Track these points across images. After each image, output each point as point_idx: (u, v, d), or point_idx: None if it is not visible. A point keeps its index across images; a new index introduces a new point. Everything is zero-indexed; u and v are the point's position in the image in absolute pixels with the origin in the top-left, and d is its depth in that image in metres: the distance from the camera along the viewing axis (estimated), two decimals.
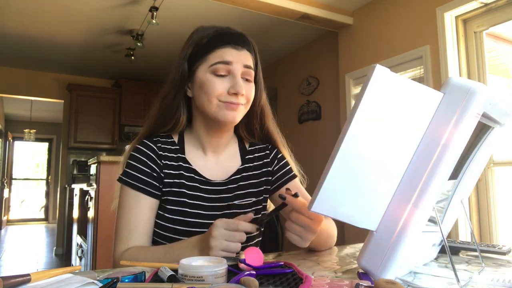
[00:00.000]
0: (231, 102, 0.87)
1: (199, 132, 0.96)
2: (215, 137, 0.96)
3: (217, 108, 0.88)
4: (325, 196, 0.55)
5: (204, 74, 0.89)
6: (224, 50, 0.88)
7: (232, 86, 0.87)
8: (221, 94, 0.87)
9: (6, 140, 7.94)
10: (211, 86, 0.87)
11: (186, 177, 0.93)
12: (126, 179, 0.90)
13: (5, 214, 8.34)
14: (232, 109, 0.88)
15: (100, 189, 2.50)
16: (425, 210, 0.57)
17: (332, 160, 0.55)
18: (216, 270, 0.57)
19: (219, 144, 0.98)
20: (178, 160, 0.94)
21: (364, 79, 0.56)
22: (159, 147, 0.94)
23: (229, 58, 0.87)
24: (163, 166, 0.92)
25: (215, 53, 0.88)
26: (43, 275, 0.58)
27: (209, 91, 0.87)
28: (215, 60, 0.87)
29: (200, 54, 0.90)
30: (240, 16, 3.42)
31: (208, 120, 0.93)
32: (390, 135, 0.57)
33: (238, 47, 0.89)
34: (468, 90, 0.55)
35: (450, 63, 2.44)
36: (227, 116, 0.88)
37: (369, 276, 0.60)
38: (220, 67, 0.87)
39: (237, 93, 0.86)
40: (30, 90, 5.09)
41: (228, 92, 0.87)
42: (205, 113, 0.91)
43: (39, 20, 3.57)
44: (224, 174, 0.98)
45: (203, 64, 0.89)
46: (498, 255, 0.83)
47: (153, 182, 0.90)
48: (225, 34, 0.90)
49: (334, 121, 3.54)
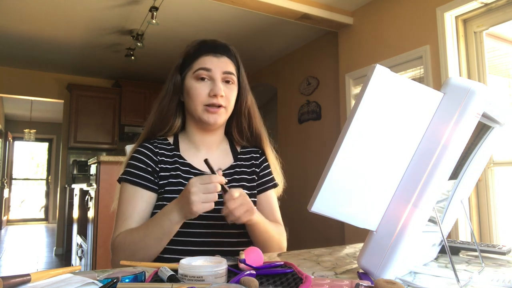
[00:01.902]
0: (212, 104, 0.98)
1: (192, 132, 1.06)
2: (206, 135, 1.05)
3: (201, 112, 0.99)
4: (325, 196, 0.55)
5: (189, 80, 1.01)
6: (205, 58, 1.00)
7: (211, 89, 0.98)
8: (204, 98, 0.98)
9: (6, 140, 7.94)
10: (195, 91, 0.98)
11: (182, 170, 1.01)
12: (124, 176, 0.99)
13: (5, 214, 8.34)
14: (213, 112, 0.98)
15: (100, 189, 2.50)
16: (425, 210, 0.57)
17: (332, 160, 0.55)
18: (216, 270, 0.57)
19: (210, 142, 1.07)
20: (174, 156, 1.02)
21: (364, 79, 0.56)
22: (156, 146, 1.03)
23: (209, 65, 0.99)
24: (159, 162, 1.00)
25: (198, 61, 1.00)
26: (43, 275, 0.58)
27: (193, 97, 0.99)
28: (197, 66, 1.00)
29: (187, 63, 1.03)
30: (240, 16, 3.42)
31: (196, 122, 1.03)
32: (390, 135, 0.57)
33: (217, 55, 1.01)
34: (468, 90, 0.55)
35: (450, 63, 2.44)
36: (210, 118, 0.99)
37: (369, 276, 0.60)
38: (201, 72, 0.99)
39: (216, 94, 0.97)
40: (30, 90, 5.09)
41: (209, 95, 0.98)
42: (193, 115, 1.02)
43: (39, 20, 3.57)
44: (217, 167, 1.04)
45: (189, 72, 1.01)
46: (498, 255, 0.83)
47: (148, 176, 0.98)
48: (207, 44, 1.03)
49: (334, 121, 3.54)
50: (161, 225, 0.85)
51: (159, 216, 0.87)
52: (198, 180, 0.80)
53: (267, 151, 1.14)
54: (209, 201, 0.79)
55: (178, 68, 1.04)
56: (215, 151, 1.08)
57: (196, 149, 1.06)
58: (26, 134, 7.54)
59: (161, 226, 0.85)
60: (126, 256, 0.87)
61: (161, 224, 0.85)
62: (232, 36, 3.85)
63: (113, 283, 0.51)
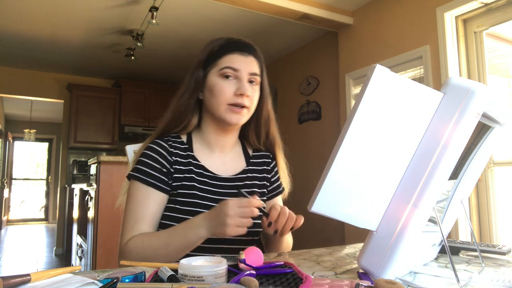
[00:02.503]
0: (236, 103, 0.95)
1: (207, 132, 1.03)
2: (222, 136, 1.03)
3: (224, 111, 0.96)
4: (325, 196, 0.55)
5: (214, 77, 0.97)
6: (232, 56, 0.97)
7: (238, 88, 0.95)
8: (229, 96, 0.95)
9: (6, 140, 7.94)
10: (220, 89, 0.95)
11: (196, 172, 0.98)
12: (136, 174, 0.95)
13: (5, 214, 8.34)
14: (237, 112, 0.96)
15: (100, 189, 2.50)
16: (425, 210, 0.57)
17: (332, 160, 0.55)
18: (216, 270, 0.57)
19: (225, 143, 1.05)
20: (188, 157, 1.00)
21: (364, 79, 0.56)
22: (170, 145, 0.99)
23: (236, 65, 0.96)
24: (173, 162, 0.97)
25: (224, 59, 0.97)
26: (43, 275, 0.57)
27: (218, 94, 0.96)
28: (224, 64, 0.97)
29: (212, 60, 0.99)
30: (240, 16, 3.42)
31: (216, 120, 1.00)
32: (390, 135, 0.57)
33: (245, 54, 0.99)
34: (468, 90, 0.55)
35: (450, 63, 2.44)
36: (233, 118, 0.96)
37: (369, 276, 0.60)
38: (228, 71, 0.96)
39: (243, 94, 0.95)
40: (30, 90, 5.09)
41: (235, 93, 0.95)
42: (214, 114, 0.99)
43: (39, 20, 3.57)
44: (231, 171, 1.04)
45: (214, 68, 0.98)
46: (498, 255, 0.83)
47: (162, 177, 0.95)
48: (234, 42, 1.00)
49: (334, 121, 3.54)
50: (187, 237, 0.83)
51: (185, 228, 0.85)
52: (236, 203, 0.79)
53: (278, 155, 1.13)
54: (244, 226, 0.79)
55: (201, 64, 1.01)
56: (229, 153, 1.06)
57: (209, 150, 1.04)
58: (26, 134, 7.53)
59: (186, 238, 0.83)
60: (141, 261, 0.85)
61: (186, 236, 0.83)
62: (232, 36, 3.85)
63: (113, 283, 0.51)
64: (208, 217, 0.83)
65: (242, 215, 0.78)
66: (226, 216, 0.78)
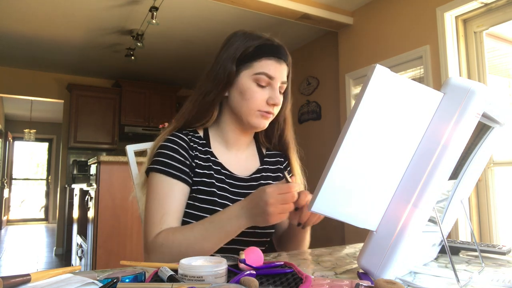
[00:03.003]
0: (267, 111, 0.95)
1: (226, 129, 1.02)
2: (241, 135, 1.02)
3: (254, 115, 0.95)
4: (325, 196, 0.55)
5: (247, 80, 0.95)
6: (268, 62, 0.95)
7: (271, 97, 0.94)
8: (261, 104, 0.94)
9: (6, 140, 7.94)
10: (253, 95, 0.94)
11: (214, 169, 0.97)
12: (159, 167, 0.92)
13: (5, 214, 8.34)
14: (266, 118, 0.96)
15: (100, 189, 2.50)
16: (425, 210, 0.57)
17: (332, 160, 0.55)
18: (216, 270, 0.57)
19: (243, 142, 1.04)
20: (206, 153, 0.99)
21: (364, 79, 0.56)
22: (190, 139, 0.98)
23: (272, 73, 0.94)
24: (194, 157, 0.96)
25: (260, 63, 0.95)
26: (43, 275, 0.57)
27: (250, 100, 0.94)
28: (259, 69, 0.94)
29: (246, 60, 0.96)
30: (240, 16, 3.42)
31: (238, 121, 0.99)
32: (390, 135, 0.57)
33: (280, 61, 0.97)
34: (468, 90, 0.55)
35: (450, 63, 2.44)
36: (260, 124, 0.96)
37: (369, 276, 0.60)
38: (263, 78, 0.94)
39: (276, 104, 0.95)
40: (30, 90, 5.09)
41: (267, 102, 0.95)
42: (240, 116, 0.97)
43: (39, 20, 3.57)
44: (246, 171, 1.03)
45: (247, 70, 0.95)
46: (498, 255, 0.83)
47: (185, 169, 0.93)
48: (272, 46, 0.98)
49: (334, 121, 3.54)
50: (226, 228, 0.81)
51: (222, 219, 0.82)
52: (276, 189, 0.77)
53: (292, 159, 1.12)
54: (286, 212, 0.78)
55: (234, 60, 0.96)
56: (244, 152, 1.06)
57: (226, 148, 1.02)
58: (26, 134, 7.53)
59: (226, 230, 0.81)
60: (173, 255, 0.82)
61: (226, 228, 0.81)
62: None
63: (113, 283, 0.51)
64: (247, 206, 0.80)
65: (283, 201, 0.76)
66: (266, 204, 0.76)
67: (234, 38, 1.00)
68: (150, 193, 0.92)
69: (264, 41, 0.98)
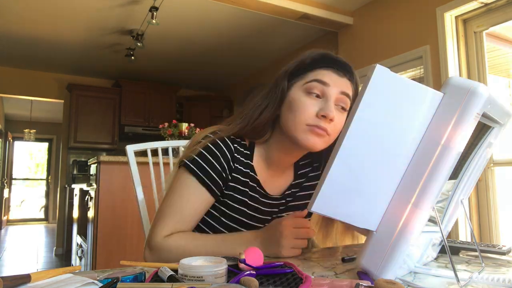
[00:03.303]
0: (317, 125, 0.80)
1: (272, 148, 0.91)
2: (288, 157, 0.92)
3: (301, 131, 0.81)
4: (326, 196, 0.55)
5: (297, 91, 0.84)
6: (324, 71, 0.83)
7: (322, 108, 0.80)
8: (310, 116, 0.81)
9: (6, 140, 7.94)
10: (301, 106, 0.81)
11: (250, 186, 0.91)
12: (194, 168, 0.85)
13: (5, 214, 8.34)
14: (317, 134, 0.81)
15: (100, 189, 2.50)
16: (425, 210, 0.57)
17: (332, 160, 0.55)
18: (216, 270, 0.57)
19: (287, 163, 0.94)
20: (247, 167, 0.91)
21: (364, 79, 0.56)
22: (236, 148, 0.89)
23: (327, 80, 0.82)
24: (234, 169, 0.89)
25: (314, 72, 0.84)
26: (43, 275, 0.57)
27: (297, 111, 0.81)
28: (312, 77, 0.83)
29: (300, 72, 0.86)
30: (240, 16, 3.42)
31: (286, 140, 0.87)
32: (390, 135, 0.57)
33: (340, 73, 0.84)
34: (468, 90, 0.55)
35: (450, 63, 2.44)
36: (309, 140, 0.81)
37: (369, 276, 0.60)
38: (315, 85, 0.82)
39: (327, 116, 0.79)
40: (30, 90, 5.10)
41: (317, 115, 0.80)
42: (287, 132, 0.85)
43: (39, 20, 3.57)
44: (279, 189, 0.96)
45: (300, 81, 0.85)
46: (498, 255, 0.83)
47: (219, 180, 0.87)
48: (329, 57, 0.86)
49: None
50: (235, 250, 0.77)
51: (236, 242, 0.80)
52: (291, 223, 0.75)
53: None
54: (298, 247, 0.76)
55: (287, 75, 0.87)
56: (284, 173, 0.97)
57: (267, 165, 0.93)
58: (26, 134, 7.54)
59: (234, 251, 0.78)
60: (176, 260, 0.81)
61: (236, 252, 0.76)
62: (232, 36, 3.85)
63: (113, 283, 0.51)
64: (262, 236, 0.79)
65: (297, 235, 0.75)
66: (281, 236, 0.75)
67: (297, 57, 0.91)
68: (175, 189, 0.86)
69: (324, 53, 0.87)
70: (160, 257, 0.82)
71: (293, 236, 0.75)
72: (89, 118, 5.04)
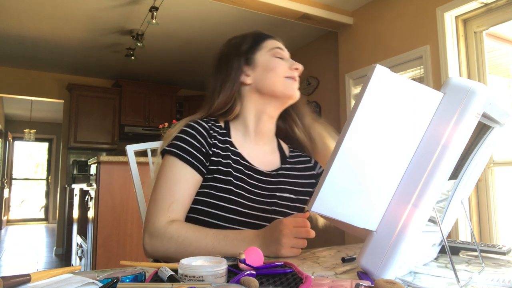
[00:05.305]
0: (292, 76, 0.99)
1: (246, 118, 1.01)
2: (263, 120, 1.01)
3: (282, 83, 0.98)
4: (325, 196, 0.55)
5: (265, 57, 1.00)
6: (272, 41, 1.04)
7: (291, 64, 1.01)
8: (286, 70, 0.99)
9: (6, 140, 7.94)
10: (276, 64, 0.99)
11: (232, 159, 0.95)
12: (175, 150, 0.90)
13: (5, 214, 8.34)
14: (294, 81, 1.00)
15: (100, 189, 2.50)
16: (425, 210, 0.57)
17: (332, 160, 0.55)
18: (216, 270, 0.57)
19: (265, 133, 1.03)
20: (226, 143, 0.97)
21: (364, 79, 0.56)
22: (210, 126, 0.96)
23: (280, 45, 1.03)
24: (212, 145, 0.94)
25: (267, 42, 1.03)
26: (43, 275, 0.57)
27: (275, 68, 0.98)
28: (271, 46, 1.02)
29: (253, 47, 1.02)
30: (240, 16, 3.42)
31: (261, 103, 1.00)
32: (390, 135, 0.57)
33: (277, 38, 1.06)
34: (468, 90, 0.55)
35: (450, 63, 2.44)
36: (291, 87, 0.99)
37: (369, 276, 0.60)
38: (278, 51, 1.01)
39: (298, 67, 1.00)
40: (30, 90, 5.10)
41: (290, 68, 1.00)
42: (271, 90, 0.99)
43: (39, 20, 3.57)
44: (265, 165, 1.01)
45: (261, 51, 1.02)
46: (498, 255, 0.83)
47: (201, 157, 0.91)
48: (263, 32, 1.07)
49: (334, 121, 3.54)
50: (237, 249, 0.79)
51: (236, 239, 0.81)
52: (292, 222, 0.77)
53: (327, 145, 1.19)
54: (298, 247, 0.77)
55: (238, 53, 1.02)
56: (264, 146, 1.03)
57: (246, 139, 1.01)
58: (26, 134, 7.54)
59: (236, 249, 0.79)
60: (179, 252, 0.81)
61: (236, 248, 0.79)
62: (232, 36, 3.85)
63: (113, 283, 0.51)
64: (263, 235, 0.80)
65: (297, 234, 0.76)
66: (280, 234, 0.76)
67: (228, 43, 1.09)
68: (161, 175, 0.89)
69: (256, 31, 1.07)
70: (161, 243, 0.82)
71: (293, 235, 0.76)
72: (89, 118, 5.04)
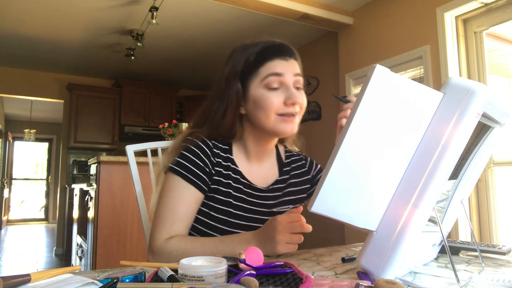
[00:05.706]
0: (288, 113, 0.89)
1: (248, 141, 0.98)
2: (263, 146, 0.99)
3: (275, 122, 0.89)
4: (325, 196, 0.55)
5: (257, 89, 0.90)
6: (273, 62, 0.90)
7: (287, 97, 0.88)
8: (278, 107, 0.88)
9: (6, 140, 7.94)
10: (267, 101, 0.88)
11: (233, 178, 0.95)
12: (179, 169, 0.90)
13: (5, 214, 8.34)
14: (290, 121, 0.90)
15: (100, 189, 2.50)
16: (425, 210, 0.57)
17: (332, 160, 0.55)
18: (216, 270, 0.57)
19: (264, 152, 1.01)
20: (228, 160, 0.95)
21: (364, 79, 0.56)
22: (214, 144, 0.94)
23: (280, 70, 0.89)
24: (215, 164, 0.93)
25: (265, 67, 0.90)
26: (43, 275, 0.57)
27: (266, 106, 0.88)
28: (266, 72, 0.89)
29: (251, 70, 0.91)
30: (240, 16, 3.42)
31: (262, 133, 0.95)
32: (390, 135, 0.57)
33: (285, 58, 0.91)
34: (468, 90, 0.55)
35: (450, 63, 2.44)
36: (287, 129, 0.90)
37: (369, 276, 0.60)
38: (273, 79, 0.89)
39: (294, 102, 0.89)
40: (30, 90, 5.10)
41: (285, 103, 0.89)
42: (262, 128, 0.92)
43: (39, 20, 3.57)
44: (264, 181, 1.01)
45: (255, 79, 0.91)
46: (498, 255, 0.83)
47: (203, 176, 0.91)
48: (271, 47, 0.93)
49: (334, 121, 3.54)
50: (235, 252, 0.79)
51: (234, 241, 0.81)
52: (286, 218, 0.76)
53: None
54: (293, 242, 0.77)
55: (237, 75, 0.92)
56: (264, 162, 1.02)
57: (247, 159, 0.99)
58: (26, 134, 7.54)
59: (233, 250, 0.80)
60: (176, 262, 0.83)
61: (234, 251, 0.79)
62: (232, 36, 3.85)
63: (113, 283, 0.51)
64: (259, 234, 0.80)
65: (292, 230, 0.75)
66: (275, 231, 0.75)
67: (234, 53, 0.97)
68: (164, 193, 0.90)
69: (264, 44, 0.93)
70: (162, 260, 0.84)
71: (288, 230, 0.76)
72: (89, 118, 5.04)
